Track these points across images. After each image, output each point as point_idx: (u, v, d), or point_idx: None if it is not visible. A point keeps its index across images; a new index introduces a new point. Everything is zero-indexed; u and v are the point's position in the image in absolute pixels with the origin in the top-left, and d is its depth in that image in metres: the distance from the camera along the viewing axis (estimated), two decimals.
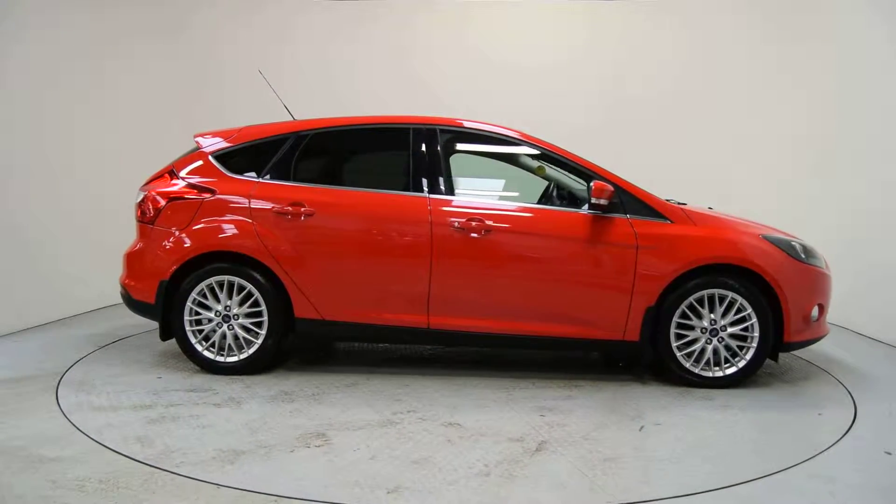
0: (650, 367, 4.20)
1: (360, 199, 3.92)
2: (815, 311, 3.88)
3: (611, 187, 3.74)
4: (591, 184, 3.75)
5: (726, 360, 3.82)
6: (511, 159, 4.25)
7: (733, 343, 3.81)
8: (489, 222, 3.80)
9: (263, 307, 3.86)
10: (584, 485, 2.61)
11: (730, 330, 3.79)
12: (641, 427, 3.21)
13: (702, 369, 3.83)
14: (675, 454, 2.92)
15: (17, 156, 4.89)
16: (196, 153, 4.13)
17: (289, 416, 3.27)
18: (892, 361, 4.57)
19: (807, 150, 5.99)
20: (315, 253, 3.86)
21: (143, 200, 4.05)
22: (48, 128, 5.21)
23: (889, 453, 2.99)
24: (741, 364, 3.82)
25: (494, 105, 6.41)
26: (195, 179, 4.01)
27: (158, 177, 4.14)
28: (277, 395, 3.59)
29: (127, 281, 4.07)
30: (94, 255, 5.59)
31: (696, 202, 4.27)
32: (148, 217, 4.01)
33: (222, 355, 3.90)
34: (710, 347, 3.81)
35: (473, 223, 3.78)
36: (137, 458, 2.74)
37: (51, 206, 5.19)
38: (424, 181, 3.90)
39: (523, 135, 4.04)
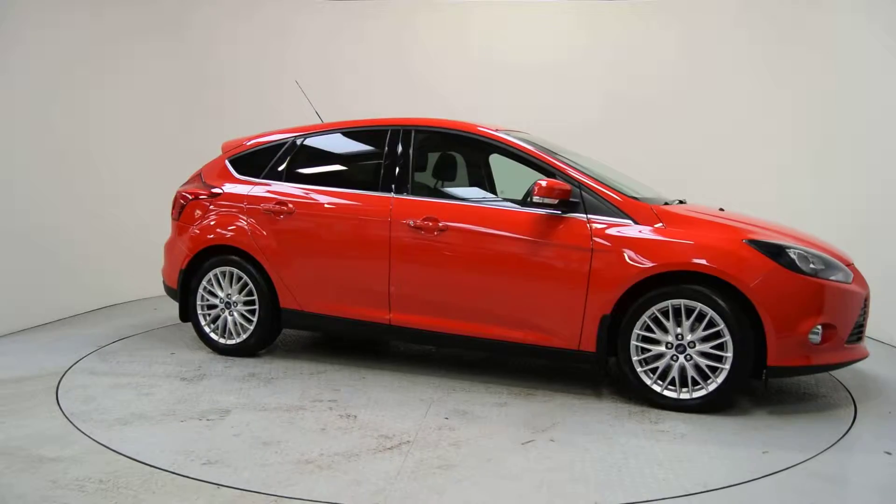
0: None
1: (333, 199, 4.10)
2: (815, 332, 3.33)
3: (565, 185, 3.53)
4: (535, 182, 3.53)
5: (696, 381, 3.38)
6: (483, 156, 4.20)
7: (703, 362, 3.35)
8: (443, 221, 3.77)
9: (255, 297, 4.18)
10: (371, 489, 2.54)
11: (699, 347, 3.35)
12: (527, 442, 3.01)
13: (666, 389, 3.43)
14: (524, 473, 2.70)
15: (16, 156, 4.87)
16: (219, 157, 4.61)
17: (225, 394, 3.58)
18: (892, 361, 4.57)
19: (814, 148, 5.94)
20: (294, 248, 4.13)
21: (174, 199, 4.59)
22: (47, 127, 5.18)
23: (889, 453, 3.00)
24: (711, 387, 3.35)
25: (497, 105, 6.44)
26: (211, 181, 4.44)
27: (191, 178, 4.59)
28: (244, 376, 3.91)
29: (163, 269, 4.70)
30: (95, 255, 5.61)
31: (703, 201, 4.16)
32: (175, 214, 4.56)
33: (224, 338, 4.30)
34: (676, 365, 3.41)
35: (428, 222, 3.79)
36: (137, 457, 2.75)
37: (49, 205, 5.19)
38: (391, 181, 4.00)
39: (473, 128, 3.98)
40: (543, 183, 3.51)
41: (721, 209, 4.16)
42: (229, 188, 4.36)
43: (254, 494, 2.44)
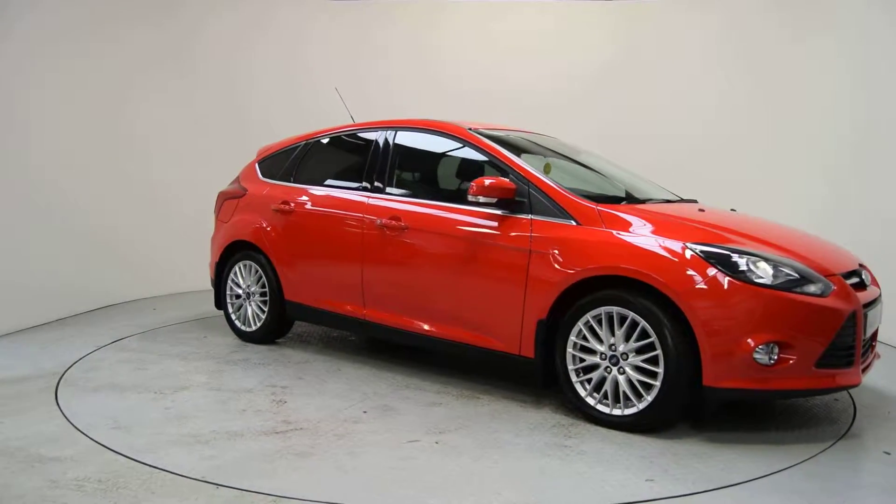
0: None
1: (324, 198, 4.31)
2: (764, 350, 2.89)
3: (507, 184, 3.42)
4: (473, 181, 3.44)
5: (631, 397, 3.10)
6: (455, 153, 4.11)
7: (635, 377, 3.07)
8: (405, 221, 3.81)
9: (267, 288, 4.52)
10: (216, 463, 2.71)
11: (632, 359, 3.09)
12: (412, 441, 2.98)
13: (600, 403, 3.18)
14: (369, 468, 2.72)
15: (13, 155, 4.92)
16: (252, 161, 4.98)
17: (203, 373, 3.95)
18: (891, 361, 4.45)
19: (850, 143, 5.57)
20: (293, 244, 4.40)
21: (216, 198, 5.09)
22: (42, 127, 5.19)
23: (888, 453, 3.00)
24: (641, 406, 3.05)
25: (512, 107, 6.46)
26: (244, 182, 4.88)
27: (233, 180, 5.04)
28: (238, 361, 4.24)
29: (209, 262, 5.10)
30: (94, 256, 5.62)
31: (724, 201, 4.03)
32: (216, 211, 5.05)
33: (245, 326, 4.70)
34: (609, 377, 3.15)
35: (393, 221, 3.84)
36: (136, 457, 2.76)
37: (46, 205, 5.20)
38: (369, 180, 4.12)
39: (442, 125, 4.00)
40: (487, 182, 3.42)
41: (733, 209, 3.92)
42: (253, 189, 4.76)
43: (253, 494, 2.45)
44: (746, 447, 3.00)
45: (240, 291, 4.71)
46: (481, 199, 3.46)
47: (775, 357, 2.91)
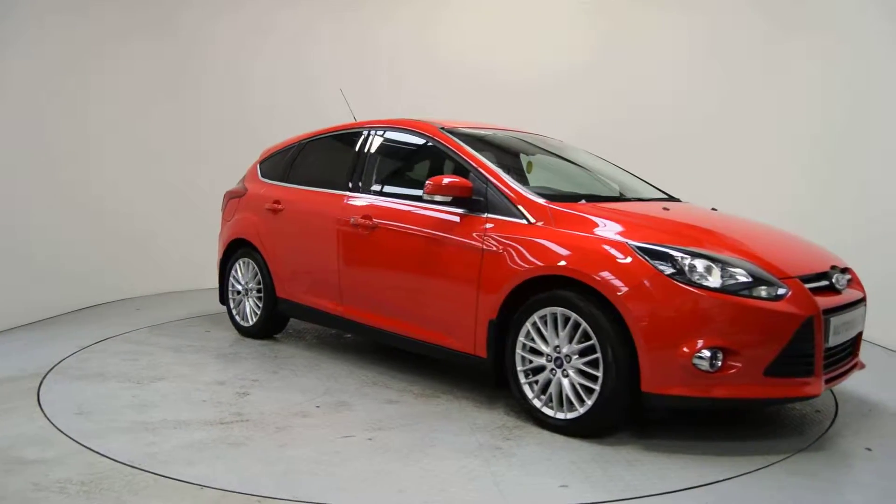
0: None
1: (308, 198, 4.40)
2: (705, 356, 2.73)
3: (463, 183, 3.40)
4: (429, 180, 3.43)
5: (573, 401, 3.01)
6: (430, 152, 4.08)
7: (577, 380, 2.99)
8: (375, 219, 3.84)
9: (262, 285, 4.65)
10: (151, 451, 2.83)
11: (575, 362, 3.00)
12: (346, 437, 3.02)
13: (546, 406, 3.11)
14: (292, 460, 2.77)
15: (9, 155, 5.04)
16: (255, 161, 5.14)
17: (188, 366, 4.11)
18: (873, 358, 4.17)
19: (819, 148, 5.61)
20: (282, 242, 4.55)
21: (223, 198, 5.24)
22: (41, 126, 5.32)
23: (869, 449, 2.99)
24: (583, 410, 2.96)
25: (508, 107, 6.44)
26: (246, 182, 5.04)
27: (240, 180, 5.19)
28: (227, 355, 4.41)
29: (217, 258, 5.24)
30: (78, 256, 5.65)
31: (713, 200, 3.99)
32: (222, 210, 5.22)
33: (244, 321, 4.85)
34: (554, 380, 3.08)
35: (365, 220, 3.88)
36: (120, 459, 2.75)
37: (36, 205, 5.28)
38: (348, 179, 4.18)
39: (415, 124, 4.01)
40: (445, 181, 3.40)
41: (714, 209, 3.80)
42: (252, 188, 4.93)
43: (236, 495, 2.46)
44: (690, 455, 2.88)
45: (240, 288, 4.88)
46: (437, 198, 3.45)
47: (719, 363, 2.76)
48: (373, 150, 4.18)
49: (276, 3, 6.88)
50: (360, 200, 4.02)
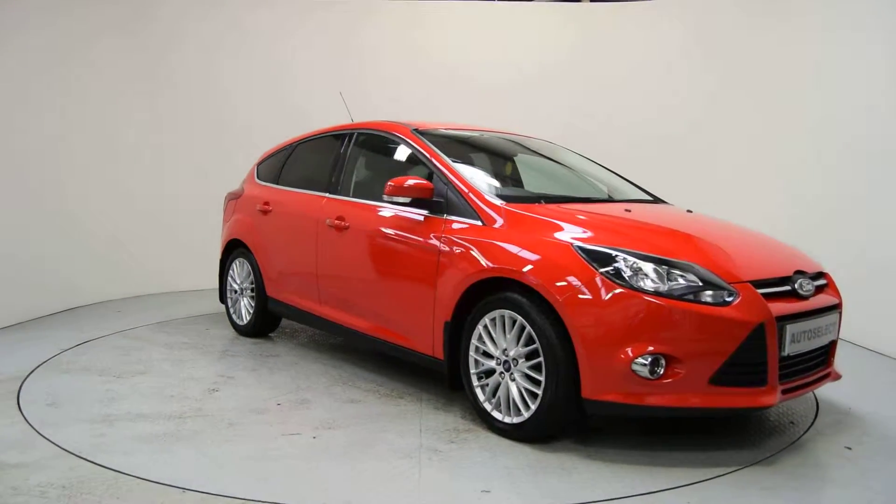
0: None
1: (292, 199, 4.47)
2: (644, 362, 2.63)
3: (423, 184, 3.38)
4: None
5: (519, 405, 2.95)
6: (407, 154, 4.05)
7: (523, 385, 2.93)
8: (347, 221, 3.86)
9: (255, 285, 4.75)
10: (100, 441, 2.90)
11: (521, 365, 2.93)
12: (292, 434, 3.06)
13: (496, 409, 3.05)
14: (243, 454, 2.84)
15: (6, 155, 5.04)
16: (255, 163, 5.25)
17: (173, 362, 4.20)
18: (853, 358, 4.42)
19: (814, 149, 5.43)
20: (269, 243, 4.62)
21: (224, 199, 5.35)
22: (9, 129, 5.21)
23: (849, 448, 3.00)
24: (527, 415, 2.90)
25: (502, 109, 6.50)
26: (244, 184, 5.17)
27: (241, 183, 5.33)
28: (215, 352, 4.49)
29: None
30: (58, 257, 5.59)
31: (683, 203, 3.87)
32: (223, 211, 5.32)
33: (240, 320, 4.94)
34: (502, 384, 3.02)
35: (340, 221, 3.90)
36: (101, 462, 2.72)
37: (25, 204, 5.27)
38: (328, 181, 4.23)
39: (389, 126, 4.04)
40: (407, 182, 3.39)
41: (689, 210, 3.71)
42: (248, 190, 5.04)
43: (217, 497, 2.45)
44: (634, 464, 2.78)
45: (236, 287, 4.99)
46: (397, 199, 3.45)
47: (660, 371, 2.66)
48: (351, 152, 4.22)
49: (253, 2, 6.77)
50: (336, 202, 4.07)
